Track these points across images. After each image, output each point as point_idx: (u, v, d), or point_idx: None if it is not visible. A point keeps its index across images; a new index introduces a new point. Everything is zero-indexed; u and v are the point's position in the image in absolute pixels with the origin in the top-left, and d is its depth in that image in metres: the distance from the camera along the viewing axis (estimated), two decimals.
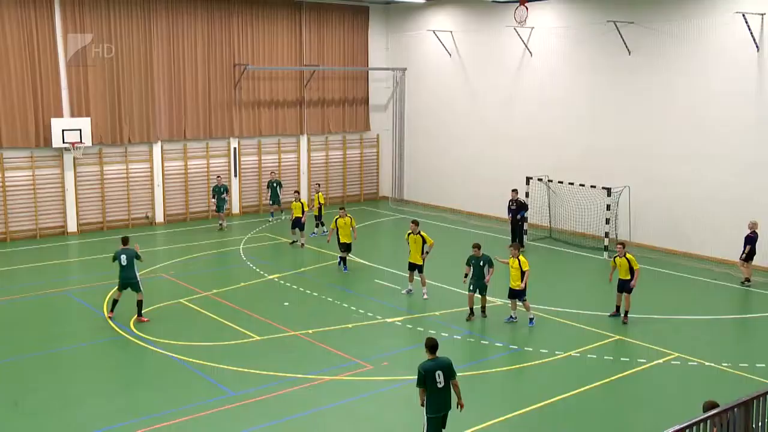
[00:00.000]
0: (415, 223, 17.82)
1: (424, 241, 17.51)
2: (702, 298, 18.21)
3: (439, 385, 9.39)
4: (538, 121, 26.00)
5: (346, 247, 20.17)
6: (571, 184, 23.71)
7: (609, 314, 16.39)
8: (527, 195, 24.24)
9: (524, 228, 22.97)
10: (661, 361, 13.97)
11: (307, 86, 29.47)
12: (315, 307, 17.19)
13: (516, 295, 15.88)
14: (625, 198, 22.86)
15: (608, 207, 22.18)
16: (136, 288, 16.01)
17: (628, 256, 15.89)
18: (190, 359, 13.90)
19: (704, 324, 16.24)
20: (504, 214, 24.14)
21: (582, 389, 12.66)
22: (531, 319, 15.93)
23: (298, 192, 23.04)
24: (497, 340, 15.03)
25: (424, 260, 17.60)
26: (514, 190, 22.94)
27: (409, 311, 16.82)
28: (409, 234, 17.79)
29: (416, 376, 9.49)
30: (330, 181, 30.87)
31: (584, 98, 24.57)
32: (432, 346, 9.58)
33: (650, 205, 22.81)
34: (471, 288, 16.09)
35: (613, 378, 13.18)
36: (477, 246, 16.00)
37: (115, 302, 16.25)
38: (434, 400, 9.38)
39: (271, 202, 26.92)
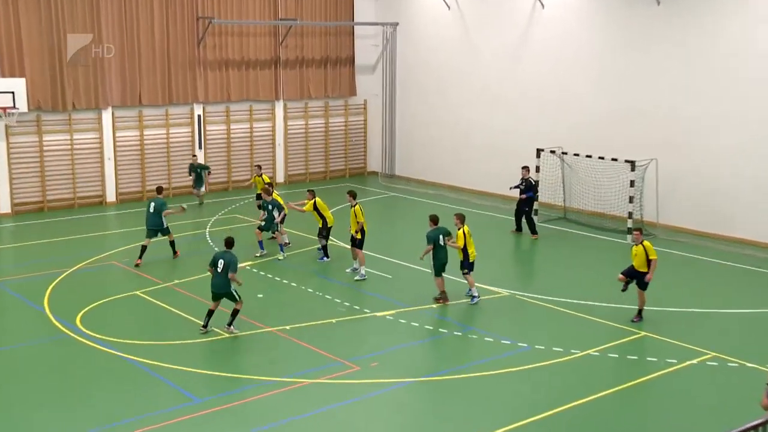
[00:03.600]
0: (351, 195, 18.74)
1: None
2: (743, 288, 18.23)
3: (218, 269, 14.72)
4: (551, 83, 25.87)
5: (318, 233, 19.89)
6: (589, 156, 23.64)
7: (622, 289, 16.08)
8: (537, 170, 24.14)
9: (531, 212, 22.50)
10: (694, 361, 13.97)
11: (282, 44, 29.17)
12: (293, 300, 17.12)
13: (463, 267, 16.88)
14: (652, 172, 22.83)
15: (632, 183, 22.13)
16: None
17: (645, 243, 15.66)
18: (148, 361, 13.79)
19: (747, 318, 16.24)
20: (509, 191, 24.01)
21: (602, 394, 12.63)
22: (473, 297, 16.86)
23: (271, 185, 21.81)
24: (503, 336, 15.00)
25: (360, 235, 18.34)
26: (525, 168, 22.58)
27: (402, 304, 16.77)
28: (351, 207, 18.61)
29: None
30: (310, 154, 30.70)
31: (604, 56, 24.44)
32: (227, 242, 15.08)
33: (681, 181, 22.79)
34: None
35: (638, 381, 13.16)
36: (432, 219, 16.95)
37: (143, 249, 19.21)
38: (213, 278, 14.87)
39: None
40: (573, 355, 14.21)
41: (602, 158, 23.29)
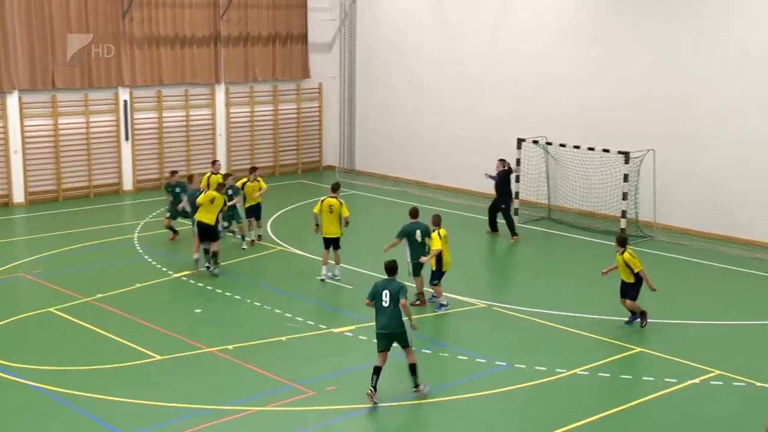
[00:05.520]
0: (334, 189, 18.95)
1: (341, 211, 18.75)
2: (751, 297, 18.49)
3: (384, 304, 12.99)
4: (534, 63, 26.00)
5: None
6: (577, 147, 23.83)
7: (626, 320, 16.57)
8: (518, 163, 24.30)
9: (510, 210, 22.77)
10: (697, 380, 14.11)
11: (224, 17, 29.08)
12: (237, 315, 17.08)
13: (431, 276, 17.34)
14: (649, 165, 23.06)
15: (626, 177, 22.36)
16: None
17: (625, 255, 15.99)
18: (63, 390, 13.63)
19: (757, 332, 16.44)
20: (487, 188, 24.22)
21: (592, 419, 12.69)
22: (441, 305, 17.26)
23: (256, 168, 22.23)
24: (479, 354, 15.07)
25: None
26: (502, 161, 22.77)
27: (363, 318, 16.70)
28: (323, 200, 18.81)
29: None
30: (256, 147, 30.61)
31: (596, 33, 24.61)
32: (390, 268, 13.29)
33: (683, 175, 23.02)
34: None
35: (633, 404, 13.26)
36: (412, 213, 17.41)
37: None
38: (378, 316, 13.12)
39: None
40: (558, 374, 14.27)
41: (592, 149, 23.47)
